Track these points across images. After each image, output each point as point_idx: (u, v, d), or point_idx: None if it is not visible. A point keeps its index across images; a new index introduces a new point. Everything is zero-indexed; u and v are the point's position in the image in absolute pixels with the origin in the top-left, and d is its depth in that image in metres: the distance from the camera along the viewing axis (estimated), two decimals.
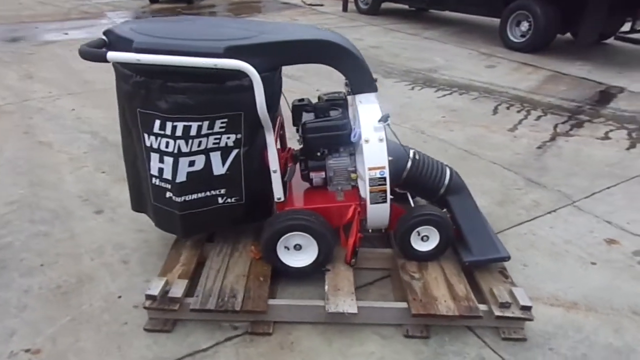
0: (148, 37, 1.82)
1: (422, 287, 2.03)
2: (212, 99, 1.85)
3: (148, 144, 1.95)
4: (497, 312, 1.92)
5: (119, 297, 2.13)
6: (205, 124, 1.89)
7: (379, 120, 2.03)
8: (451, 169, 2.29)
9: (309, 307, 1.98)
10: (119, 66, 1.88)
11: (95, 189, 2.96)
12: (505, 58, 5.99)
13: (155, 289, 1.93)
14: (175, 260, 2.15)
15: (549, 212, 2.85)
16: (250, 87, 1.87)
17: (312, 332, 1.97)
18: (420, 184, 2.23)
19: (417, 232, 2.12)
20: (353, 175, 2.19)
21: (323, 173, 2.18)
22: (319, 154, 2.14)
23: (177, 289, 1.94)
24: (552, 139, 3.83)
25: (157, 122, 1.88)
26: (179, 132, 1.88)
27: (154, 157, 1.96)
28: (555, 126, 4.06)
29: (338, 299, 1.96)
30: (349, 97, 2.19)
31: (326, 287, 2.03)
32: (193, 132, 1.89)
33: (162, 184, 2.01)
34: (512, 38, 6.30)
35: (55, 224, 2.63)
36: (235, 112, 1.91)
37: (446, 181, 2.23)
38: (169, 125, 1.87)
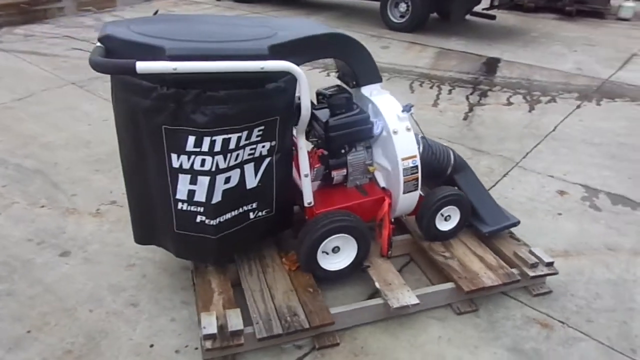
0: (176, 41, 1.57)
1: (459, 265, 2.12)
2: (252, 105, 1.68)
3: (176, 164, 1.69)
4: (531, 273, 2.10)
5: (151, 345, 1.85)
6: (244, 134, 1.71)
7: (403, 110, 2.04)
8: (452, 149, 2.40)
9: (370, 308, 1.95)
10: (130, 78, 1.59)
11: (44, 228, 2.48)
12: (394, 38, 6.34)
13: (211, 326, 1.72)
14: (209, 290, 1.92)
15: (504, 176, 3.16)
16: (285, 89, 1.74)
17: (375, 331, 1.95)
18: (431, 166, 2.30)
19: (441, 213, 2.20)
20: (371, 168, 2.17)
21: (344, 170, 2.13)
22: (342, 151, 2.08)
23: (236, 321, 1.75)
24: (471, 109, 4.21)
25: (191, 139, 1.64)
26: (217, 147, 1.67)
27: (183, 179, 1.72)
28: (467, 97, 4.46)
29: (395, 293, 1.95)
30: (353, 90, 2.16)
31: (376, 283, 2.01)
32: (232, 144, 1.69)
33: (192, 208, 1.78)
34: (392, 19, 6.69)
35: (15, 279, 2.16)
36: (272, 118, 1.76)
37: (452, 161, 2.34)
38: (206, 140, 1.65)
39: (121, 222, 2.54)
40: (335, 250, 2.04)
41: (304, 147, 1.91)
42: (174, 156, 1.68)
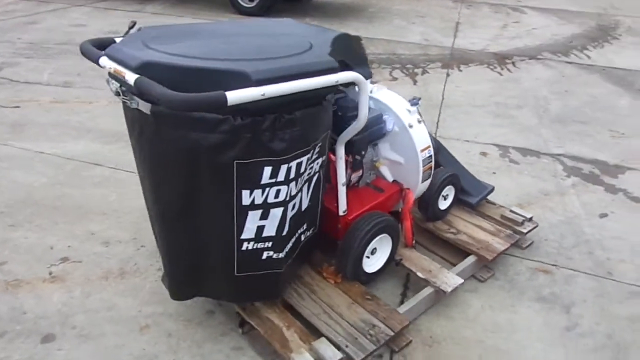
0: (247, 62, 1.35)
1: (469, 237, 2.30)
2: (318, 122, 1.56)
3: (247, 202, 1.49)
4: (524, 230, 2.39)
5: None
6: (311, 153, 1.58)
7: (412, 104, 2.09)
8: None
9: (425, 298, 2.00)
10: (189, 113, 1.32)
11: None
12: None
13: None
14: (275, 327, 1.76)
15: None
16: (331, 101, 1.65)
17: (431, 319, 2.02)
18: None
19: (442, 193, 2.34)
20: (377, 164, 2.19)
21: (361, 171, 2.10)
22: (363, 152, 2.04)
23: (331, 352, 1.65)
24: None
25: (267, 170, 1.46)
26: (292, 174, 1.51)
27: (253, 216, 1.52)
28: None
29: (440, 278, 2.04)
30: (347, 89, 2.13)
31: (418, 274, 2.07)
32: (302, 167, 1.56)
33: (258, 246, 1.59)
34: (242, 3, 6.52)
35: None
36: (327, 132, 1.65)
37: (433, 142, 2.47)
38: (283, 169, 1.48)
39: (93, 281, 2.12)
40: (374, 251, 2.03)
41: (342, 155, 1.83)
42: (245, 193, 1.47)
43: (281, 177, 1.49)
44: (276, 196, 1.52)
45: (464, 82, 4.72)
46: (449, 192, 2.38)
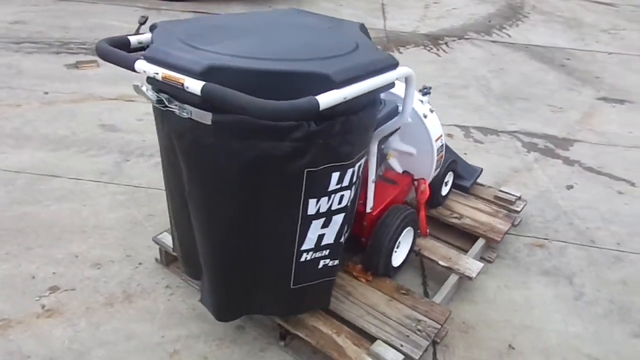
0: (317, 62, 1.24)
1: (473, 221, 2.37)
2: (373, 122, 1.50)
3: (312, 211, 1.39)
4: (517, 208, 2.51)
5: None
6: (366, 154, 1.51)
7: (423, 94, 2.09)
8: None
9: (452, 286, 2.03)
10: (256, 120, 1.20)
11: None
12: (172, 9, 5.86)
13: None
14: (325, 335, 1.70)
15: None
16: None
17: (457, 305, 2.07)
18: None
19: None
20: (387, 156, 2.17)
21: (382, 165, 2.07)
22: (382, 147, 2.00)
23: (393, 354, 1.62)
24: None
25: (335, 176, 1.37)
26: (354, 177, 1.44)
27: (316, 225, 1.44)
28: None
29: (461, 264, 2.09)
30: None
31: (440, 262, 2.10)
32: (361, 169, 1.48)
33: (317, 255, 1.51)
34: None
35: None
36: (372, 130, 1.58)
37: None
38: (349, 173, 1.40)
39: (96, 309, 1.90)
40: (398, 245, 2.02)
41: (375, 152, 1.78)
42: (311, 202, 1.37)
43: (346, 181, 1.41)
44: (339, 202, 1.44)
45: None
46: (449, 178, 2.43)
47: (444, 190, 2.42)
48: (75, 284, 2.01)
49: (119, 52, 1.33)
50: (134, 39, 1.47)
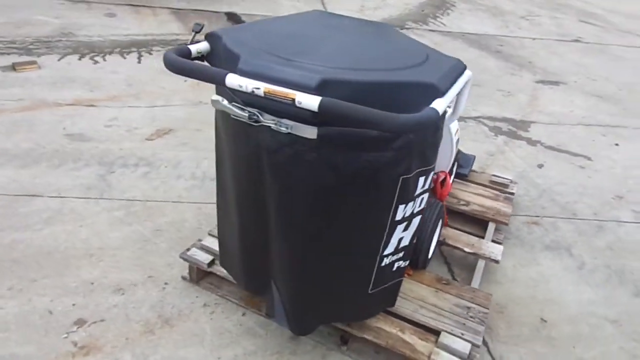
0: (418, 70, 1.24)
1: (480, 206, 2.50)
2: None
3: (400, 216, 1.40)
4: (512, 190, 2.68)
5: None
6: None
7: None
8: None
9: (482, 270, 2.13)
10: (362, 131, 1.18)
11: None
12: (116, 3, 5.43)
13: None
14: (391, 334, 1.72)
15: None
16: None
17: (486, 288, 2.17)
18: None
19: None
20: None
21: None
22: None
23: (460, 346, 1.68)
24: None
25: (422, 180, 1.39)
26: (430, 179, 1.46)
27: (399, 229, 1.45)
28: None
29: (484, 249, 2.20)
30: None
31: (465, 249, 2.19)
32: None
33: (394, 258, 1.52)
34: None
35: None
36: None
37: None
38: (430, 176, 1.42)
39: (136, 339, 1.77)
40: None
41: None
42: (400, 207, 1.38)
43: (427, 184, 1.43)
44: (420, 204, 1.46)
45: None
46: (454, 168, 2.53)
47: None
48: (103, 314, 1.85)
49: (205, 65, 1.23)
50: (193, 49, 1.37)
